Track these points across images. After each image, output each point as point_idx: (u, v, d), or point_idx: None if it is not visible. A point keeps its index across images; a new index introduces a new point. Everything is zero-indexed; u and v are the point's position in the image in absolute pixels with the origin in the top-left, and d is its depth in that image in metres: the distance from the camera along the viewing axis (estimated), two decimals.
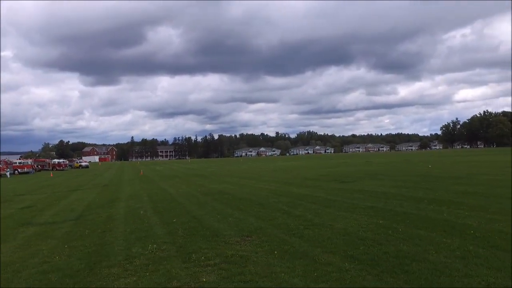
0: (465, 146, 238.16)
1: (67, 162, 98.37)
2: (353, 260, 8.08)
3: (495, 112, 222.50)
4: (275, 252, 9.00)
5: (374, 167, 46.88)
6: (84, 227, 13.49)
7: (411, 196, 17.44)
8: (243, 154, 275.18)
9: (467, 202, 15.02)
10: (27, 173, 68.90)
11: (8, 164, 70.98)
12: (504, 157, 57.94)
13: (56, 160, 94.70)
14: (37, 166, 79.73)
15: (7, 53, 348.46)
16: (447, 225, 10.97)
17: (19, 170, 69.39)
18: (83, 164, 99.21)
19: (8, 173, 59.94)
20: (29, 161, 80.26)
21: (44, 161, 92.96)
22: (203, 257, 8.83)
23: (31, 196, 25.81)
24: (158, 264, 8.49)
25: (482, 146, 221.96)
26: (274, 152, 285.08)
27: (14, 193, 29.01)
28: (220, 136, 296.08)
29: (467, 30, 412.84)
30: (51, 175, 59.94)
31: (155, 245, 10.09)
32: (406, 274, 7.12)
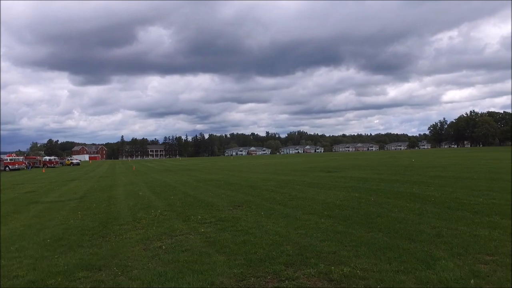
0: (453, 146, 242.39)
1: (58, 159, 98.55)
2: (328, 218, 9.57)
3: (481, 113, 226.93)
4: (262, 213, 10.49)
5: (360, 162, 48.57)
6: (89, 203, 14.79)
7: (388, 179, 19.06)
8: (234, 153, 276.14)
9: (436, 182, 16.67)
10: (18, 169, 69.25)
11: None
12: (484, 154, 60.24)
13: (47, 157, 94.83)
14: (28, 163, 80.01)
15: None
16: (413, 196, 12.56)
17: (10, 166, 69.73)
18: (74, 161, 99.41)
19: None
20: (21, 158, 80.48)
21: (35, 158, 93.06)
22: (200, 217, 10.27)
23: (30, 185, 26.89)
24: (161, 222, 9.90)
25: (469, 146, 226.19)
26: (264, 152, 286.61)
27: (12, 183, 30.00)
28: (210, 135, 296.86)
29: (454, 33, 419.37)
30: (43, 171, 60.58)
31: (158, 211, 11.50)
32: (370, 224, 8.62)
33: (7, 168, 69.74)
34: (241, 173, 31.34)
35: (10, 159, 74.86)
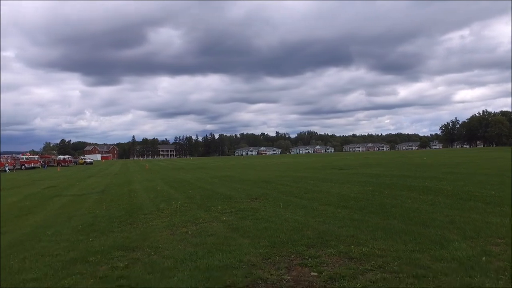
0: (465, 146, 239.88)
1: (72, 158, 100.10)
2: (344, 208, 9.95)
3: (494, 112, 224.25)
4: (280, 204, 10.90)
5: (371, 161, 48.68)
6: (111, 196, 15.36)
7: (401, 175, 19.32)
8: (244, 153, 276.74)
9: (449, 177, 16.91)
10: (33, 168, 70.59)
11: (15, 160, 72.81)
12: (498, 153, 59.81)
13: (61, 156, 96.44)
14: (43, 162, 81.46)
15: (9, 54, 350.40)
16: (426, 189, 12.86)
17: (26, 165, 71.11)
18: (87, 160, 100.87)
19: (7, 169, 61.65)
20: (36, 157, 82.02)
21: (50, 157, 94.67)
22: (220, 207, 10.72)
23: (50, 181, 27.65)
24: (184, 212, 10.37)
25: (482, 146, 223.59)
26: (274, 152, 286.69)
27: (32, 180, 30.83)
28: (220, 135, 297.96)
29: (465, 32, 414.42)
30: (58, 169, 61.73)
31: (179, 202, 11.99)
32: (385, 213, 8.98)
33: (23, 166, 71.15)
34: (254, 171, 31.76)
35: (26, 158, 76.33)
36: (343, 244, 6.34)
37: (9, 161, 67.31)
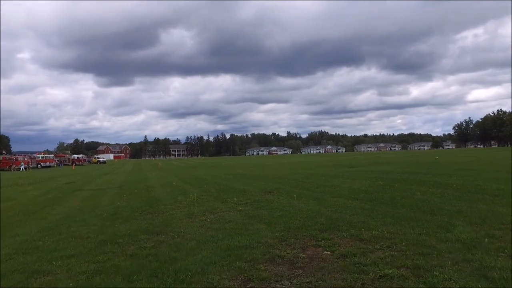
0: (479, 146, 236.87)
1: (86, 157, 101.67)
2: (355, 200, 10.33)
3: (509, 111, 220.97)
4: (295, 196, 11.32)
5: (383, 160, 48.76)
6: (129, 190, 15.94)
7: (411, 171, 19.58)
8: (255, 153, 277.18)
9: (459, 173, 17.13)
10: (49, 166, 71.98)
11: (32, 158, 74.39)
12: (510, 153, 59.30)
13: (75, 156, 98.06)
14: (58, 160, 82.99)
15: (25, 55, 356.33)
16: (436, 183, 13.16)
17: (41, 164, 72.60)
18: (101, 159, 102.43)
19: (22, 167, 63.00)
20: (51, 156, 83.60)
21: (64, 156, 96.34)
22: (235, 199, 11.19)
23: (67, 178, 28.43)
24: (201, 203, 10.86)
25: (496, 146, 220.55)
26: (285, 151, 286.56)
27: (50, 177, 31.68)
28: (231, 135, 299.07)
29: (479, 30, 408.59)
30: (73, 168, 62.91)
31: (195, 195, 12.48)
32: (395, 203, 9.35)
33: (39, 165, 72.59)
34: (267, 169, 32.21)
35: (42, 157, 77.86)
36: (354, 228, 6.75)
37: (25, 159, 68.81)
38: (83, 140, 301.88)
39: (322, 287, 4.19)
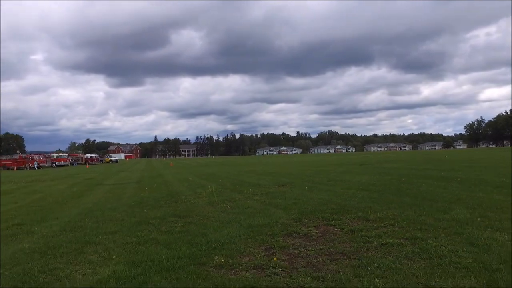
0: (491, 145, 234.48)
1: (99, 157, 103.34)
2: (364, 191, 11.06)
3: None
4: (306, 187, 12.08)
5: (392, 158, 49.22)
6: (148, 185, 16.82)
7: (419, 168, 20.21)
8: (264, 153, 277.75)
9: (465, 169, 17.74)
10: (63, 165, 73.52)
11: (47, 157, 76.12)
12: None
13: (88, 155, 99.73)
14: (72, 159, 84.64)
15: (38, 57, 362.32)
16: (441, 178, 13.82)
17: (56, 163, 74.21)
18: (113, 159, 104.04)
19: (36, 166, 64.50)
20: (66, 155, 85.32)
21: (77, 155, 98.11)
22: (251, 190, 11.98)
23: (85, 175, 29.51)
24: (219, 194, 11.68)
25: (509, 145, 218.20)
26: (295, 151, 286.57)
27: (68, 174, 32.81)
28: (241, 135, 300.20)
29: (492, 29, 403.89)
30: (87, 166, 64.29)
31: (213, 187, 13.31)
32: (400, 194, 10.06)
33: (54, 164, 74.10)
34: (278, 166, 32.97)
35: (56, 156, 79.49)
36: (362, 212, 7.49)
37: (41, 158, 70.42)
38: (94, 140, 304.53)
39: (333, 252, 4.95)
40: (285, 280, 4.03)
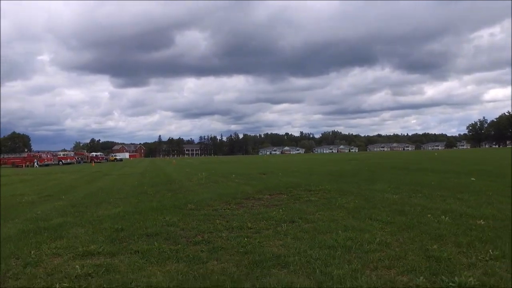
0: (494, 146, 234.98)
1: (104, 155, 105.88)
2: (329, 175, 13.29)
3: None
4: (280, 174, 14.36)
5: (387, 156, 51.48)
6: (150, 174, 19.17)
7: (400, 162, 22.42)
8: (268, 152, 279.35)
9: (433, 163, 19.91)
10: (69, 163, 75.99)
11: (54, 156, 78.81)
12: None
13: (94, 153, 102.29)
14: (79, 158, 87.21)
15: (44, 58, 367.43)
16: (405, 168, 16.03)
17: (62, 161, 76.75)
18: (118, 157, 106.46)
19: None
20: (72, 153, 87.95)
21: (83, 154, 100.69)
22: (234, 176, 14.28)
23: (91, 169, 31.91)
24: (208, 179, 13.98)
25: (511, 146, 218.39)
26: (298, 151, 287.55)
27: (76, 169, 35.23)
28: (245, 135, 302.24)
29: (496, 29, 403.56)
30: (93, 164, 66.79)
31: (204, 174, 15.62)
32: (355, 177, 12.30)
33: (61, 162, 76.41)
34: (271, 163, 35.27)
35: (63, 154, 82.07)
36: (310, 186, 9.77)
37: (48, 156, 72.90)
38: (99, 140, 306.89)
39: (270, 205, 7.24)
40: (229, 212, 6.36)
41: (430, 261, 3.57)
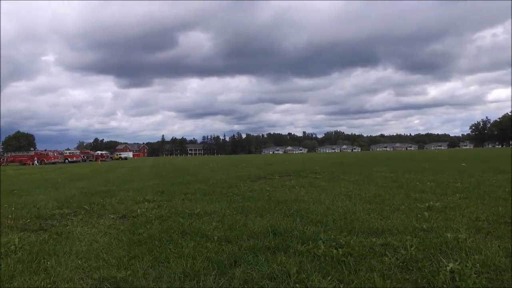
0: (497, 146, 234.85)
1: (109, 154, 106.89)
2: (331, 165, 14.07)
3: None
4: (286, 163, 15.15)
5: (386, 156, 52.24)
6: (164, 166, 19.99)
7: (396, 157, 23.14)
8: (270, 152, 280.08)
9: (426, 159, 20.65)
10: (75, 162, 76.95)
11: (60, 154, 79.83)
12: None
13: (99, 152, 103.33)
14: (84, 156, 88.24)
15: (49, 58, 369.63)
16: (400, 159, 16.78)
17: (68, 159, 77.72)
18: (123, 156, 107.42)
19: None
20: (78, 151, 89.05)
21: (88, 152, 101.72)
22: (244, 165, 15.08)
23: (100, 166, 32.76)
24: (219, 168, 14.78)
25: None
26: (301, 151, 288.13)
27: (84, 166, 36.12)
28: (247, 135, 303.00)
29: (498, 30, 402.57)
30: (99, 162, 67.77)
31: (214, 163, 16.42)
32: (353, 167, 13.06)
33: (67, 160, 77.32)
34: (284, 161, 36.05)
35: (69, 153, 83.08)
36: (315, 171, 10.54)
37: (55, 155, 73.87)
38: (103, 140, 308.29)
39: (278, 185, 8.02)
40: (248, 184, 7.22)
41: (411, 199, 4.90)
